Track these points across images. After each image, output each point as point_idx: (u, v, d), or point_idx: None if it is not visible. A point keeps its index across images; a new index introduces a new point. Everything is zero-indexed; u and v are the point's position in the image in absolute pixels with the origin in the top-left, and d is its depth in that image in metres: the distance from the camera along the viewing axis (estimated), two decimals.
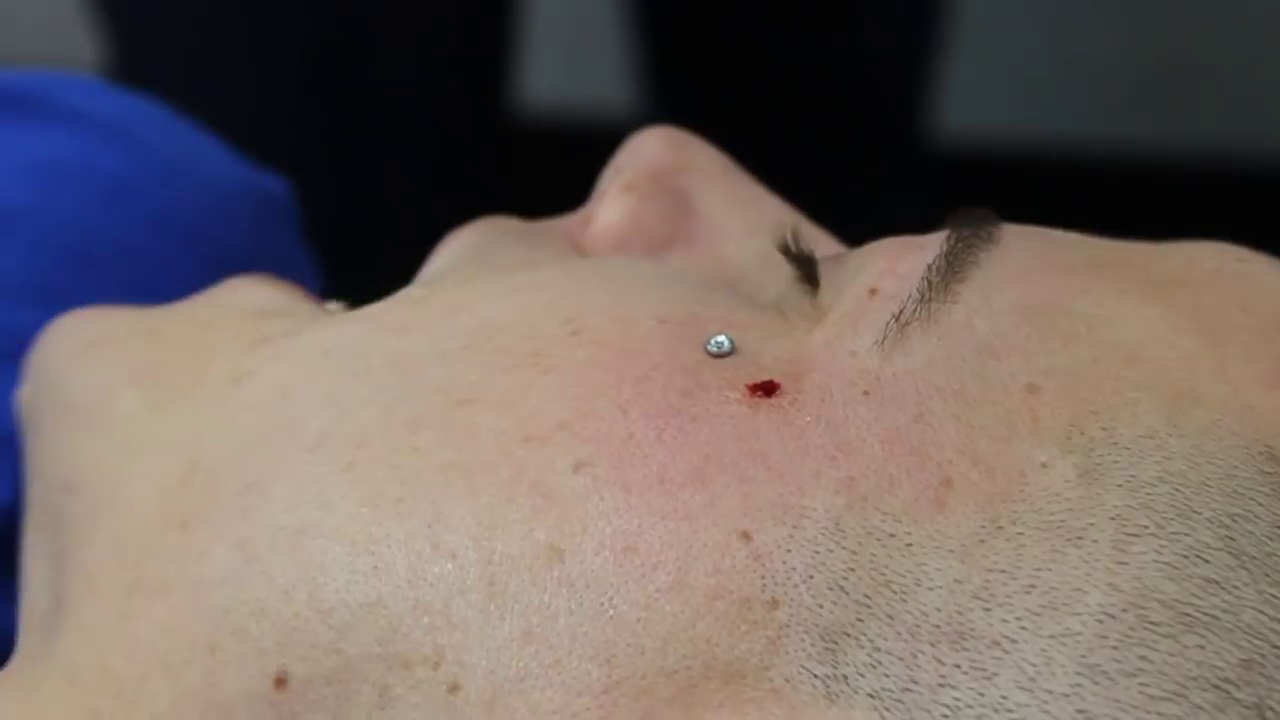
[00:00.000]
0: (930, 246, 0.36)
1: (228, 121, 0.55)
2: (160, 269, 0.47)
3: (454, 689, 0.33)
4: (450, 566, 0.33)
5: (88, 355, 0.40)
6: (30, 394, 0.41)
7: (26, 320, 0.47)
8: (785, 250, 0.38)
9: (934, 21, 1.19)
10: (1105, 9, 1.51)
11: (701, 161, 0.42)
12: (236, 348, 0.38)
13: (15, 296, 0.47)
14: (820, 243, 0.41)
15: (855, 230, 0.44)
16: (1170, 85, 1.47)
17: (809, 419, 0.34)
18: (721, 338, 0.36)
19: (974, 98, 1.44)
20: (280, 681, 0.34)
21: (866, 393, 0.34)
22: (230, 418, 0.37)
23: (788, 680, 0.32)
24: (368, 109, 0.92)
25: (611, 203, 0.41)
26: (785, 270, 0.38)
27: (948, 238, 0.36)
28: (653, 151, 0.42)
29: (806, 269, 0.38)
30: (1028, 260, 0.36)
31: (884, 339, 0.35)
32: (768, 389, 0.35)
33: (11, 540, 0.44)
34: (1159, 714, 0.31)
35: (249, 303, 0.41)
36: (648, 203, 0.41)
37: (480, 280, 0.39)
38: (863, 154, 1.17)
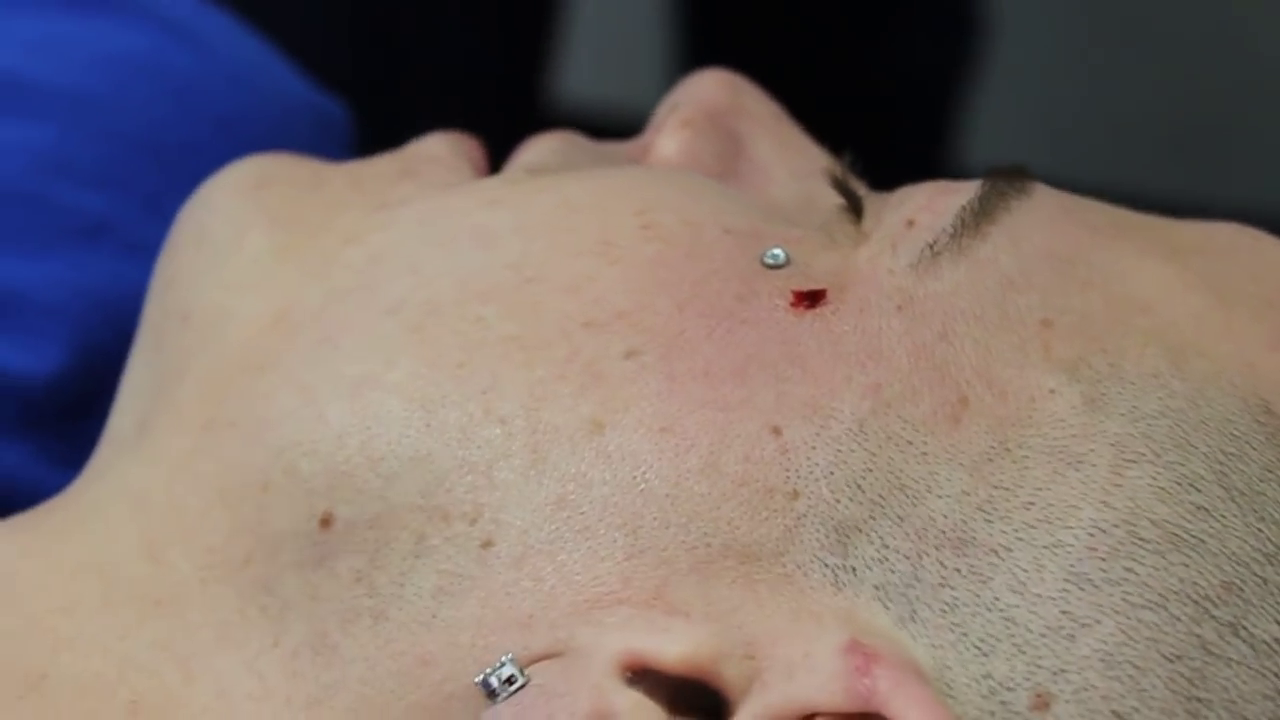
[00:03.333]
0: (966, 190, 0.39)
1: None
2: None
3: (487, 544, 0.35)
4: (499, 431, 0.36)
5: (249, 192, 0.42)
6: (184, 215, 0.43)
7: (91, 202, 0.49)
8: (835, 182, 0.40)
9: (972, 36, 1.21)
10: (1135, 60, 1.52)
11: (755, 106, 0.44)
12: (361, 210, 0.40)
13: (82, 180, 0.49)
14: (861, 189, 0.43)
15: None
16: (1197, 139, 1.49)
17: (847, 328, 0.36)
18: (777, 250, 0.38)
19: (1002, 144, 1.46)
20: (325, 522, 0.36)
21: (900, 307, 0.37)
22: (328, 275, 0.39)
23: (799, 566, 0.34)
24: (405, 85, 0.94)
25: (670, 136, 0.43)
26: (831, 203, 0.40)
27: (983, 184, 0.38)
28: (710, 91, 0.44)
29: (853, 200, 0.40)
30: (1056, 213, 0.39)
31: (919, 262, 0.37)
32: (814, 298, 0.37)
33: (64, 406, 0.46)
34: (1138, 620, 0.33)
35: (409, 161, 0.43)
36: (703, 139, 0.43)
37: (565, 170, 0.41)
38: (893, 165, 1.19)
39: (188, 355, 0.40)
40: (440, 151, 0.43)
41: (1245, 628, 0.33)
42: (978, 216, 0.38)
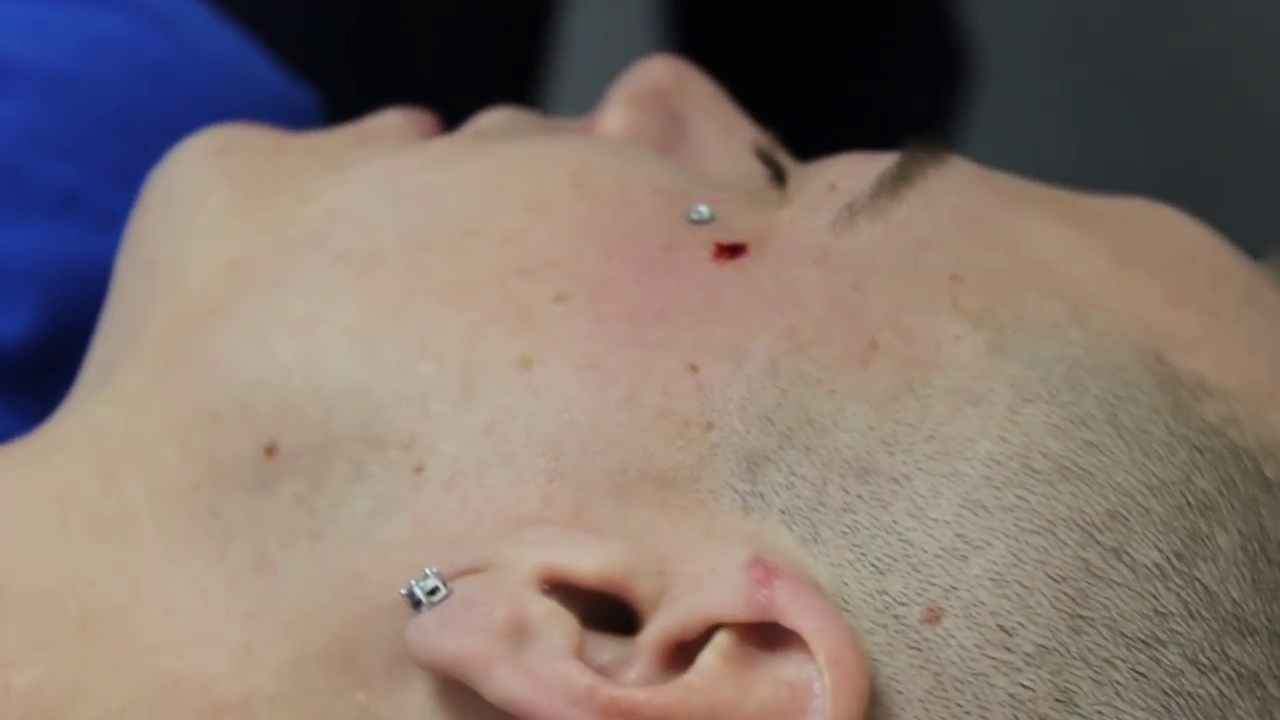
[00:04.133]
0: (887, 159, 0.41)
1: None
2: None
3: (419, 469, 0.37)
4: (434, 367, 0.38)
5: (212, 155, 0.45)
6: (153, 177, 0.45)
7: (64, 175, 0.51)
8: (759, 152, 0.43)
9: (960, 74, 1.23)
10: (1124, 104, 1.54)
11: (698, 87, 0.46)
12: (317, 170, 0.43)
13: (56, 153, 0.52)
14: (791, 165, 0.46)
15: None
16: (1185, 184, 1.51)
17: (765, 276, 0.39)
18: (703, 208, 0.40)
19: None
20: (270, 450, 0.38)
21: (817, 261, 0.39)
22: (281, 229, 0.41)
23: (711, 492, 0.37)
24: (400, 95, 0.97)
25: (615, 110, 0.45)
26: (761, 175, 0.43)
27: (902, 152, 0.41)
28: (657, 72, 0.46)
29: (776, 168, 0.42)
30: (969, 180, 0.41)
31: (837, 221, 0.40)
32: (735, 250, 0.39)
33: (34, 366, 0.49)
34: (1027, 544, 0.35)
35: (365, 130, 0.45)
36: (646, 114, 0.45)
37: (506, 136, 0.44)
38: None
39: (149, 303, 0.42)
40: (395, 122, 0.46)
41: (1128, 553, 0.35)
42: (895, 180, 0.40)
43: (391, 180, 0.42)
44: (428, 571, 0.36)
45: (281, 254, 0.41)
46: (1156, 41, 1.55)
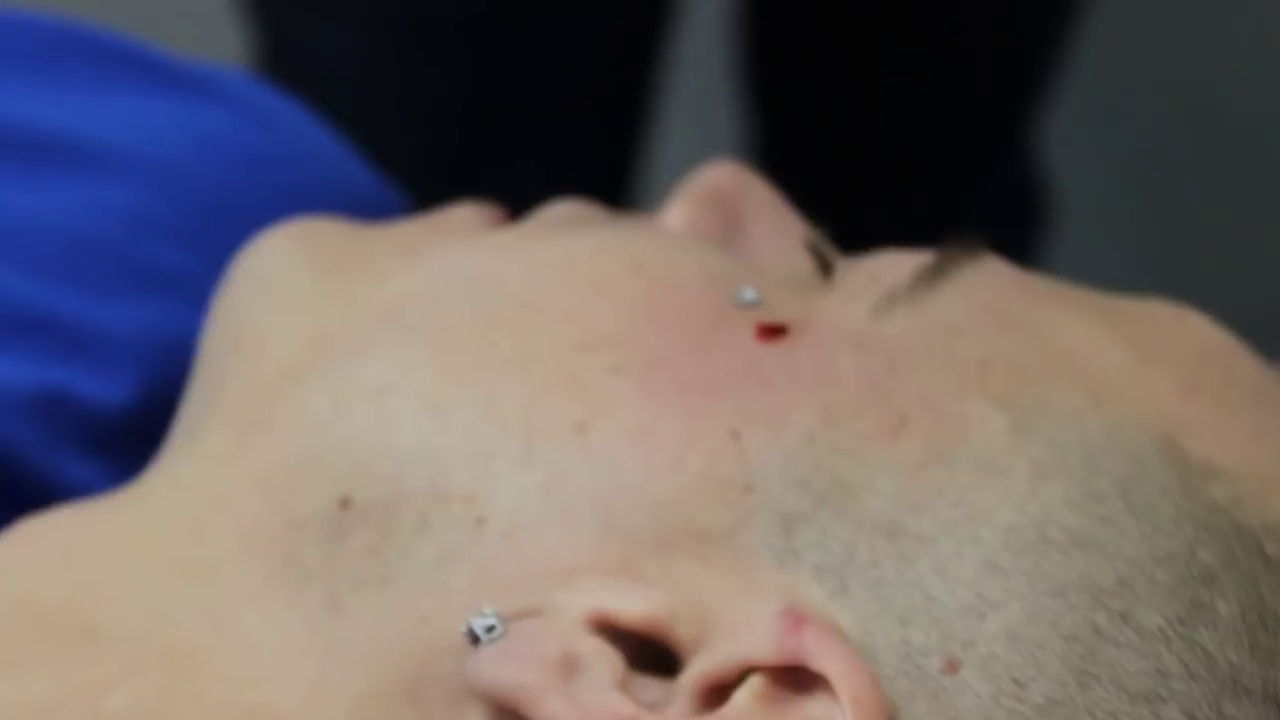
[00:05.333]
0: (926, 255, 0.44)
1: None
2: None
3: (480, 521, 0.41)
4: (497, 430, 0.41)
5: (296, 241, 0.49)
6: (239, 260, 0.50)
7: (166, 257, 0.55)
8: (809, 245, 0.46)
9: (1036, 220, 1.25)
10: (1200, 256, 1.55)
11: (756, 191, 0.50)
12: (393, 255, 0.47)
13: (167, 238, 0.56)
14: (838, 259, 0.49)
15: None
16: (1262, 333, 1.51)
17: (805, 356, 0.42)
18: (749, 291, 0.44)
19: None
20: (345, 504, 0.42)
21: (855, 344, 0.42)
22: (358, 306, 0.45)
23: (749, 548, 0.40)
24: (512, 166, 1.00)
25: (678, 206, 0.49)
26: (808, 269, 0.46)
27: (941, 249, 0.44)
28: (719, 175, 0.50)
29: (824, 261, 0.46)
30: (1001, 277, 0.45)
31: (876, 309, 0.43)
32: (778, 331, 0.43)
33: (131, 432, 0.52)
34: (1041, 605, 0.38)
35: (438, 222, 0.50)
36: (706, 211, 0.49)
37: (569, 227, 0.48)
38: None
39: (233, 371, 0.46)
40: (465, 214, 0.50)
41: (1134, 617, 0.38)
42: (933, 273, 0.44)
43: (462, 266, 0.46)
44: (486, 611, 0.39)
45: (359, 329, 0.45)
46: (1235, 190, 1.57)
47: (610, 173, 1.10)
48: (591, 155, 1.09)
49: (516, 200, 0.51)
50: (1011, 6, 1.13)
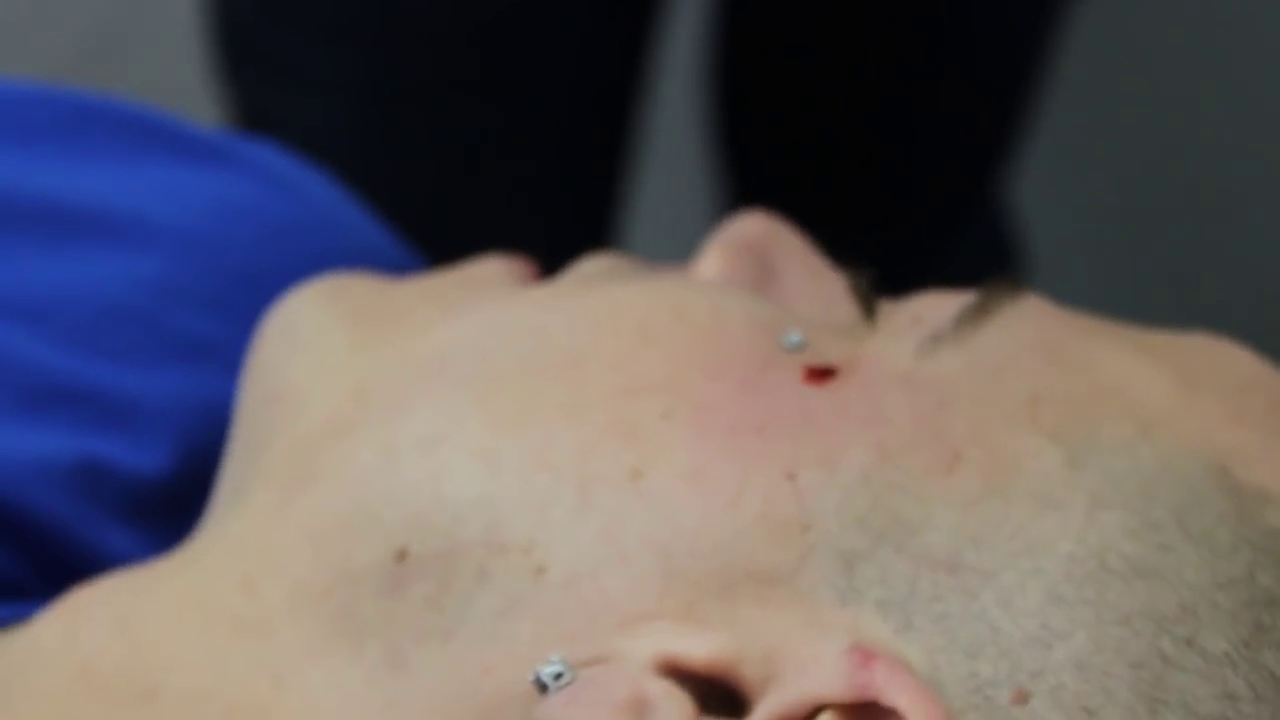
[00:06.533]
0: (968, 295, 0.45)
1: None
2: None
3: (540, 571, 0.41)
4: (551, 478, 0.41)
5: (326, 297, 0.49)
6: (269, 320, 0.50)
7: (197, 324, 0.56)
8: (853, 288, 0.46)
9: (1010, 271, 1.26)
10: (1185, 310, 1.56)
11: (787, 239, 0.50)
12: (428, 308, 0.47)
13: (195, 305, 0.56)
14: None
15: None
16: None
17: (854, 396, 0.42)
18: (795, 335, 0.44)
19: None
20: (400, 556, 0.42)
21: (902, 384, 0.43)
22: (401, 360, 0.46)
23: (810, 587, 0.40)
24: (497, 227, 1.01)
25: (711, 257, 0.49)
26: (850, 315, 0.46)
27: (983, 288, 0.45)
28: (749, 225, 0.50)
29: (868, 303, 0.46)
30: (1043, 314, 0.45)
31: (921, 349, 0.43)
32: (826, 373, 0.43)
33: (170, 500, 0.53)
34: (1107, 634, 0.39)
35: (470, 276, 0.50)
36: (740, 261, 0.49)
37: (608, 279, 0.48)
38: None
39: (274, 429, 0.46)
40: (496, 268, 0.50)
41: (1199, 643, 0.39)
42: (976, 312, 0.44)
43: (505, 319, 0.46)
44: (553, 659, 0.39)
45: (405, 381, 0.45)
46: (1207, 241, 1.58)
47: (591, 229, 1.11)
48: (572, 213, 1.10)
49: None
50: (979, 58, 1.14)
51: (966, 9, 1.12)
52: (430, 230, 1.01)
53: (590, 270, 0.49)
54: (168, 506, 0.52)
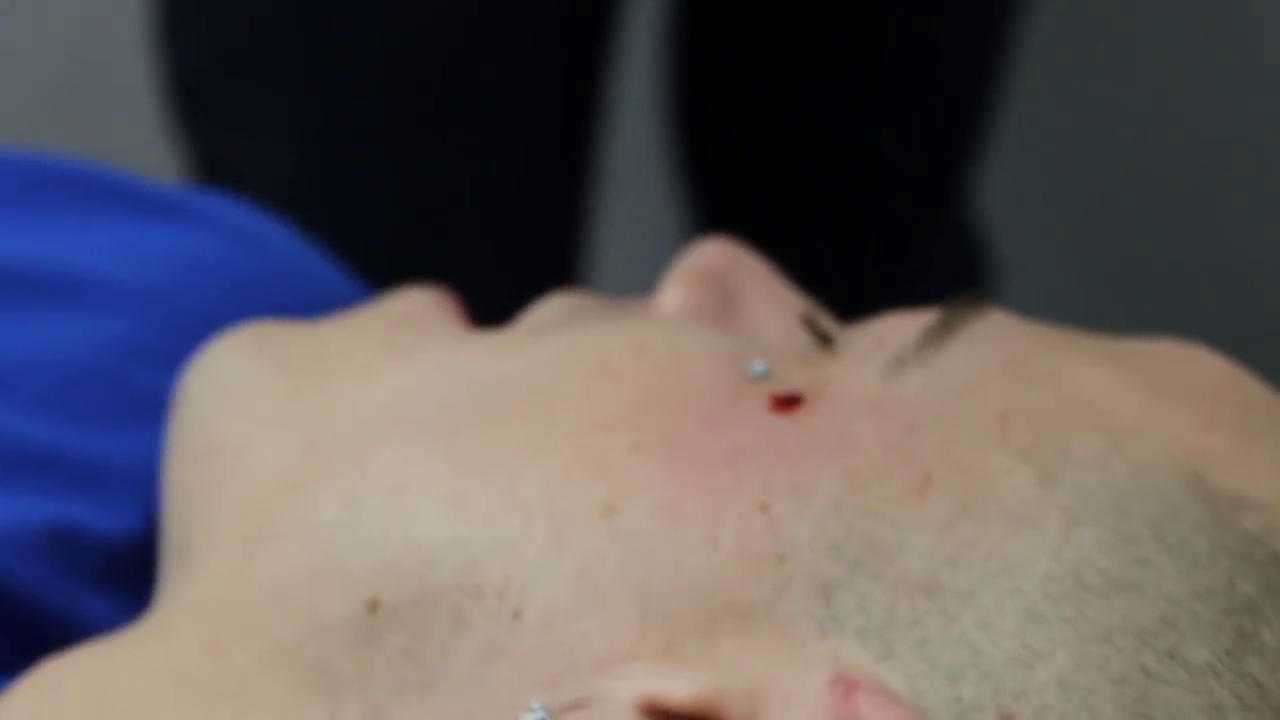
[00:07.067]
0: (930, 314, 0.44)
1: None
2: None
3: (517, 614, 0.40)
4: (521, 517, 0.41)
5: (250, 347, 0.49)
6: (190, 372, 0.49)
7: (162, 382, 0.55)
8: (805, 321, 0.46)
9: (981, 279, 1.26)
10: (1149, 316, 1.56)
11: (749, 266, 0.50)
12: (369, 350, 0.47)
13: (158, 363, 0.55)
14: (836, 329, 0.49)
15: None
16: None
17: (823, 424, 0.42)
18: (758, 365, 0.44)
19: None
20: (373, 607, 0.41)
21: (869, 409, 0.42)
22: (353, 405, 0.45)
23: (790, 619, 0.40)
24: (461, 263, 1.01)
25: (672, 289, 0.49)
26: (809, 341, 0.46)
27: (945, 306, 0.44)
28: (709, 254, 0.50)
29: (823, 335, 0.46)
30: (1008, 329, 0.45)
31: (886, 371, 0.43)
32: (792, 402, 0.43)
33: (141, 561, 0.52)
34: (1088, 651, 0.38)
35: (402, 310, 0.49)
36: (701, 292, 0.49)
37: (567, 323, 0.47)
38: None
39: (214, 482, 0.46)
40: (425, 301, 0.49)
41: (1181, 654, 0.38)
42: (940, 331, 0.44)
43: (462, 365, 0.45)
44: (534, 705, 0.39)
45: (360, 430, 0.44)
46: (1177, 248, 1.58)
47: (556, 261, 1.11)
48: (537, 243, 1.10)
49: (466, 299, 0.51)
50: (938, 71, 1.14)
51: (923, 22, 1.12)
52: (392, 272, 1.00)
53: (548, 313, 0.49)
54: (140, 567, 0.52)
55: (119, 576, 0.52)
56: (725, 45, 1.15)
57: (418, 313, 0.49)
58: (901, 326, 0.45)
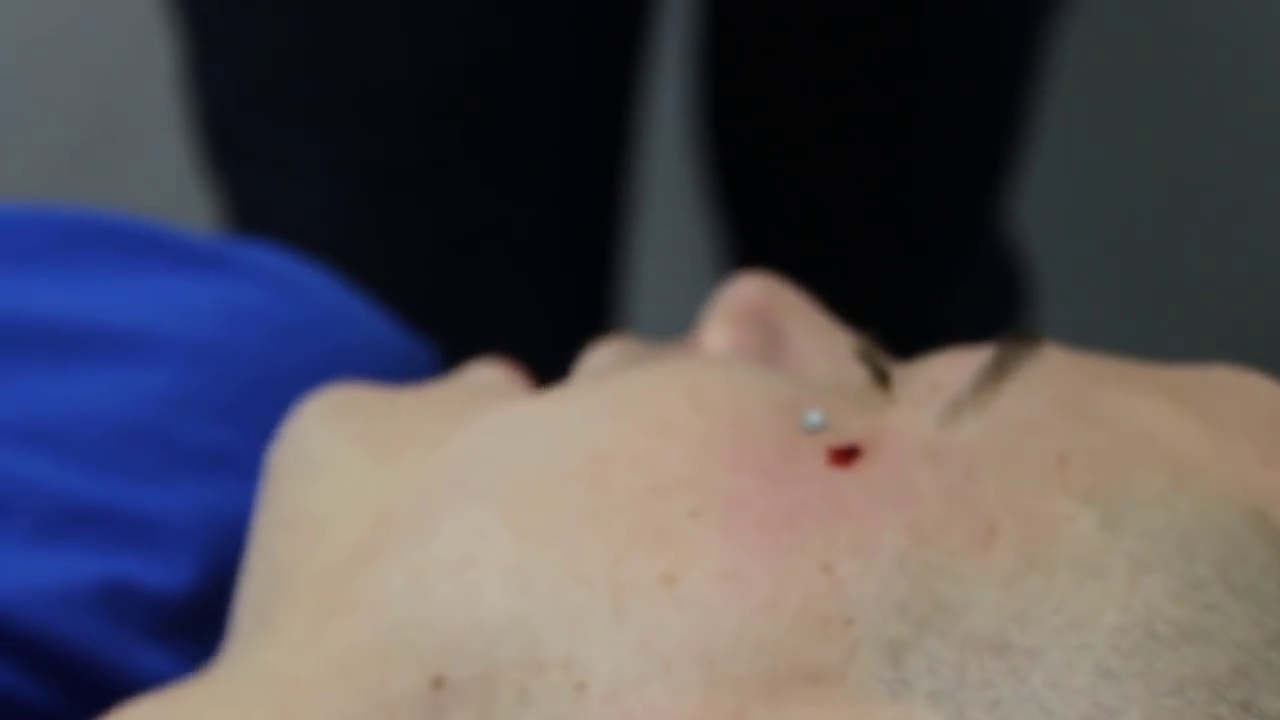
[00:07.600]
0: (983, 353, 0.44)
1: None
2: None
3: (580, 687, 0.40)
4: (584, 590, 0.41)
5: (334, 416, 0.49)
6: (280, 443, 0.49)
7: (210, 434, 0.55)
8: (863, 357, 0.46)
9: (1016, 304, 1.26)
10: (1183, 342, 1.55)
11: (789, 300, 0.50)
12: (440, 420, 0.47)
13: (207, 416, 0.56)
14: (891, 365, 0.49)
15: None
16: None
17: (881, 476, 0.42)
18: (815, 416, 0.43)
19: None
20: (438, 682, 0.41)
21: (928, 457, 0.42)
22: (418, 477, 0.45)
23: (859, 683, 0.39)
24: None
25: (715, 329, 0.49)
26: (862, 377, 0.46)
27: (998, 346, 0.44)
28: (749, 290, 0.50)
29: (880, 372, 0.45)
30: (1063, 366, 0.44)
31: (942, 418, 0.43)
32: (850, 453, 0.42)
33: (197, 615, 0.52)
34: (1160, 706, 0.38)
35: (474, 382, 0.49)
36: (745, 330, 0.49)
37: (619, 369, 0.47)
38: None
39: (295, 556, 0.46)
40: (495, 374, 0.50)
41: (1255, 704, 0.38)
42: (994, 374, 0.43)
43: (519, 423, 0.45)
44: None
45: (425, 499, 0.44)
46: (1214, 264, 1.57)
47: (591, 292, 1.11)
48: (571, 276, 1.10)
49: (503, 331, 0.51)
50: (968, 87, 1.14)
51: (953, 41, 1.12)
52: (430, 309, 1.01)
53: (599, 363, 0.49)
54: (195, 621, 0.52)
55: (174, 631, 0.52)
56: (754, 71, 1.15)
57: (485, 382, 0.49)
58: (954, 368, 0.44)
